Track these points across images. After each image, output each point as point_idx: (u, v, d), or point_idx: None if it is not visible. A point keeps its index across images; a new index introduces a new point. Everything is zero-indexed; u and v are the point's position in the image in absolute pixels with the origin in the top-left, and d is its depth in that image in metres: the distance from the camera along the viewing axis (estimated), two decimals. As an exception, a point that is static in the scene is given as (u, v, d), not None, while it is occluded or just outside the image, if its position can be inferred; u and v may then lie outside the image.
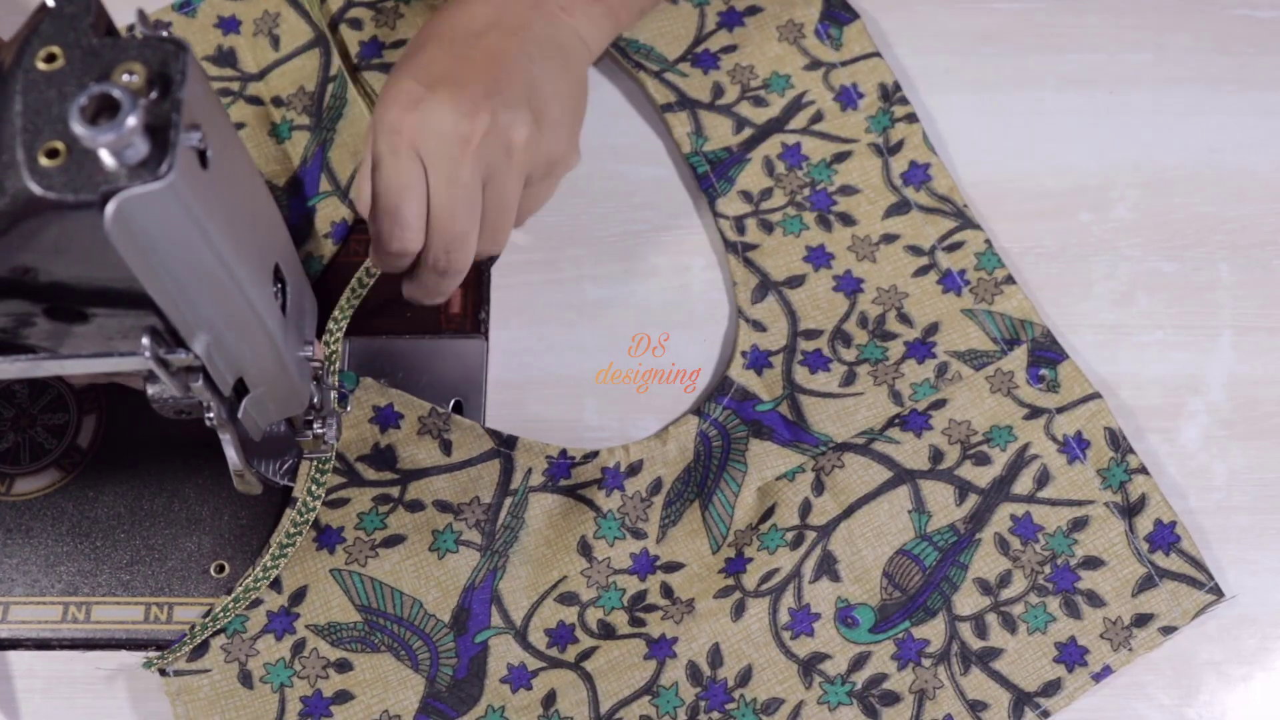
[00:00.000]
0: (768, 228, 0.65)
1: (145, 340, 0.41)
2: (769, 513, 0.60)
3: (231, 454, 0.50)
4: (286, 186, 0.64)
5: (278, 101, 0.65)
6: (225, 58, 0.66)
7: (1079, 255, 0.66)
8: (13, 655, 0.58)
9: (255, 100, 0.65)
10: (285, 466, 0.60)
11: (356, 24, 0.66)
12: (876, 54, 0.68)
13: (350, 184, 0.64)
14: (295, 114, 0.65)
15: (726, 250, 0.65)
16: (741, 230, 0.65)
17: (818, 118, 0.67)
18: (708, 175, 0.66)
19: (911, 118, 0.67)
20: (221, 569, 0.58)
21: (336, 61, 0.65)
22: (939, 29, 0.70)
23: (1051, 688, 0.57)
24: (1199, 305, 0.65)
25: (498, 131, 0.53)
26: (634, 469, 0.60)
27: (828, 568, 0.59)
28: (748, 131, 0.67)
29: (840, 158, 0.66)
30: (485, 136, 0.52)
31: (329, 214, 0.64)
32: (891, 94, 0.67)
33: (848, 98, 0.67)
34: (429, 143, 0.52)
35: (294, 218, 0.63)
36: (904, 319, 0.63)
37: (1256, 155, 0.68)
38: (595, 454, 0.60)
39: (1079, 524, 0.59)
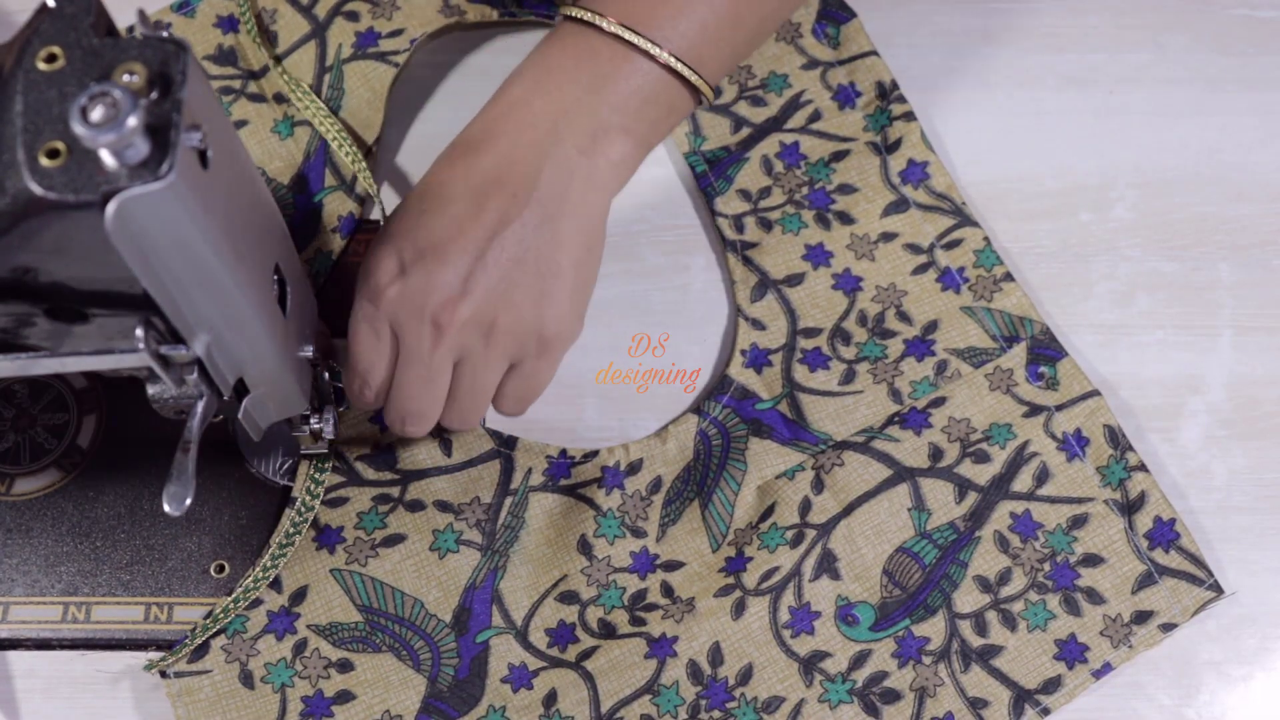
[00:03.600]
0: (766, 226, 0.65)
1: (139, 332, 0.41)
2: (769, 511, 0.60)
3: (193, 425, 0.47)
4: (291, 184, 0.64)
5: (279, 98, 0.65)
6: (226, 56, 0.66)
7: (1079, 255, 0.66)
8: (13, 655, 0.58)
9: (257, 98, 0.65)
10: (285, 466, 0.60)
11: (353, 16, 0.66)
12: (874, 52, 0.68)
13: (355, 179, 0.64)
14: (295, 110, 0.65)
15: (725, 249, 0.65)
16: (740, 229, 0.65)
17: (815, 116, 0.67)
18: (706, 174, 0.66)
19: (909, 116, 0.67)
20: (221, 569, 0.58)
21: (332, 52, 0.65)
22: (938, 28, 0.70)
23: (1052, 685, 0.57)
24: (1199, 305, 0.65)
25: (476, 315, 0.50)
26: (634, 468, 0.60)
27: (828, 566, 0.59)
28: (746, 131, 0.67)
29: (838, 156, 0.66)
30: (462, 322, 0.50)
31: (335, 209, 0.64)
32: (889, 92, 0.67)
33: (845, 96, 0.67)
34: (403, 322, 0.50)
35: (300, 215, 0.63)
36: (903, 317, 0.63)
37: (1256, 155, 0.68)
38: (595, 453, 0.61)
39: (1078, 521, 0.59)
